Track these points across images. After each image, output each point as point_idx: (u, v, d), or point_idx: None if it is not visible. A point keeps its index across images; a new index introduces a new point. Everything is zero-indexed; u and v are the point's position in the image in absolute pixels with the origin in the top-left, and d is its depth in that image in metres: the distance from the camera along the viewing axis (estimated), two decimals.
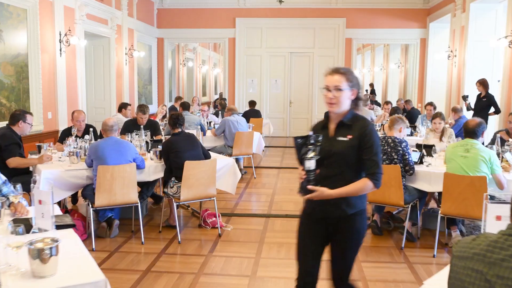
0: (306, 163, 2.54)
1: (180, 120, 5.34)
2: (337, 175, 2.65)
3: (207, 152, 5.60)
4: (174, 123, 5.34)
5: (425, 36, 13.72)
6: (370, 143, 2.61)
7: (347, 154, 2.63)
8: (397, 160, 5.08)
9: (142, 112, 6.82)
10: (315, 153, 2.55)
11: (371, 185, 2.62)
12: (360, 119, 2.70)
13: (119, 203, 4.99)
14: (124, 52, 11.58)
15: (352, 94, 2.68)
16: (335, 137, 2.71)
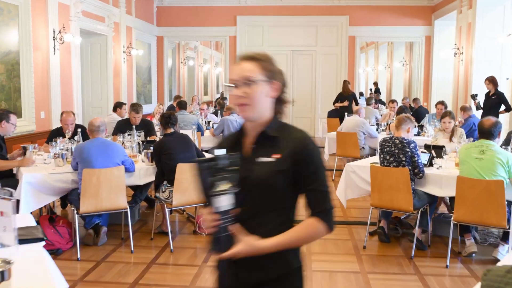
0: (216, 201, 1.61)
1: (172, 120, 4.95)
2: (256, 216, 1.74)
3: (201, 154, 5.20)
4: (166, 123, 4.95)
5: (430, 33, 13.28)
6: (314, 166, 1.76)
7: (273, 183, 1.74)
8: (405, 162, 4.67)
9: (135, 111, 6.43)
10: (231, 183, 1.63)
11: (322, 229, 1.79)
12: (293, 131, 1.80)
13: (106, 209, 4.60)
14: (122, 50, 11.20)
15: (272, 90, 1.78)
16: (253, 157, 1.77)
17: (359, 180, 5.21)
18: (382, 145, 4.87)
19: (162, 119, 4.98)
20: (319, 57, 13.57)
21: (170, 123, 4.96)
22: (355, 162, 5.45)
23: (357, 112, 8.16)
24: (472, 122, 7.49)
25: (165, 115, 4.99)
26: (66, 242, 4.73)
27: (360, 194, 5.33)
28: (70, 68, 9.12)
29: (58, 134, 5.90)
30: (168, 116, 4.96)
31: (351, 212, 6.11)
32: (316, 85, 13.71)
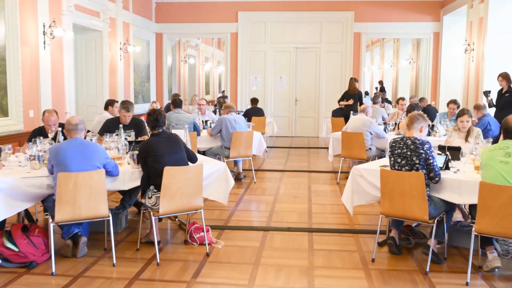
0: None
1: (160, 119, 4.43)
2: None
3: (193, 156, 4.68)
4: (155, 124, 4.42)
5: (438, 30, 12.72)
6: None
7: None
8: (419, 165, 4.13)
9: (126, 110, 5.92)
10: None
11: None
12: None
13: (85, 218, 4.08)
14: (119, 47, 10.71)
15: None
16: None
17: (367, 185, 4.68)
18: (392, 147, 4.34)
19: (150, 120, 4.45)
20: (323, 54, 13.04)
21: (158, 123, 4.44)
22: (363, 165, 4.92)
23: (364, 111, 7.63)
24: (486, 122, 6.95)
25: (152, 115, 4.45)
26: (42, 254, 4.23)
27: (368, 200, 4.80)
28: (62, 64, 8.63)
29: (40, 134, 5.39)
30: (155, 119, 4.42)
31: (358, 219, 5.58)
32: (320, 84, 13.17)
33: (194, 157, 4.67)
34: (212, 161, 5.10)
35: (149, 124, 4.45)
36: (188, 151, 4.61)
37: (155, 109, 4.51)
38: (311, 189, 7.07)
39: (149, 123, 4.44)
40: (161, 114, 4.44)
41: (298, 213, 5.83)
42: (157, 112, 4.45)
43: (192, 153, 4.69)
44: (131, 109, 5.98)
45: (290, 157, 9.98)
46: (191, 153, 4.66)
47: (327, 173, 8.29)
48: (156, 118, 4.42)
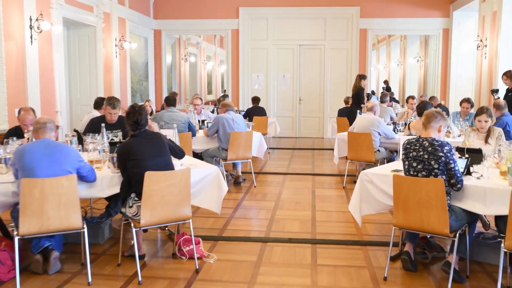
0: None
1: (142, 119, 3.89)
2: None
3: (179, 151, 4.16)
4: (135, 124, 3.88)
5: (448, 26, 12.12)
6: None
7: None
8: (438, 170, 3.57)
9: (112, 107, 5.39)
10: None
11: None
12: None
13: (55, 230, 3.55)
14: (114, 43, 10.19)
15: None
16: None
17: (377, 192, 4.13)
18: (406, 149, 3.78)
19: (129, 119, 3.88)
20: (328, 51, 12.47)
21: (139, 126, 3.88)
22: (372, 170, 4.36)
23: (372, 110, 7.06)
24: (505, 122, 6.36)
25: (132, 114, 3.88)
26: (8, 271, 3.70)
27: (379, 209, 4.25)
28: (52, 60, 8.12)
29: (15, 134, 4.88)
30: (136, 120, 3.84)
31: (366, 228, 5.02)
32: (325, 82, 12.60)
33: (180, 153, 4.14)
34: (203, 164, 4.55)
35: (128, 124, 3.91)
36: (173, 147, 4.07)
37: (135, 106, 3.97)
38: (315, 194, 6.52)
39: (129, 123, 3.89)
40: (141, 112, 3.90)
41: (300, 221, 5.28)
42: (137, 109, 3.91)
43: (177, 148, 4.15)
44: (118, 106, 5.45)
45: (293, 159, 9.43)
46: (176, 148, 4.12)
47: (333, 177, 7.74)
48: (137, 117, 3.87)
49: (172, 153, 4.02)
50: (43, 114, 7.79)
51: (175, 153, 4.07)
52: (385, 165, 4.73)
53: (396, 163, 4.73)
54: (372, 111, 7.06)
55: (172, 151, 4.02)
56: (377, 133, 6.74)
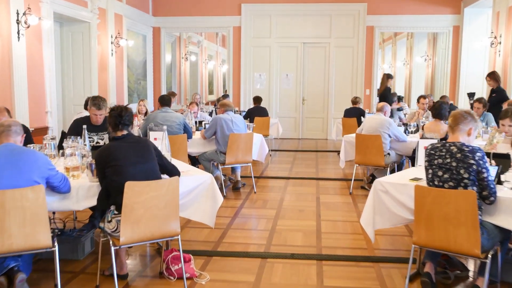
0: None
1: (124, 118, 3.36)
2: None
3: (170, 166, 3.58)
4: (116, 124, 3.37)
5: (459, 23, 11.54)
6: None
7: None
8: (468, 181, 3.03)
9: (97, 107, 4.85)
10: None
11: None
12: None
13: (18, 250, 3.01)
14: (110, 40, 9.67)
15: None
16: None
17: (394, 204, 3.58)
18: (430, 155, 3.23)
19: (111, 118, 3.38)
20: (333, 50, 11.92)
21: (121, 123, 3.37)
22: (388, 178, 3.81)
23: (382, 110, 6.50)
24: None
25: (115, 111, 3.39)
26: None
27: (395, 223, 3.70)
28: (41, 58, 7.60)
29: None
30: (118, 114, 3.36)
31: (378, 241, 4.46)
32: (330, 82, 12.05)
33: (172, 169, 3.56)
34: (196, 171, 4.01)
35: (110, 122, 3.38)
36: (164, 162, 3.52)
37: (119, 105, 3.44)
38: (319, 201, 5.97)
39: (110, 122, 3.37)
40: (126, 111, 3.38)
41: (304, 232, 4.74)
42: (121, 108, 3.38)
43: (170, 165, 3.58)
44: (104, 107, 4.91)
45: (296, 162, 8.88)
46: (167, 165, 3.56)
47: (338, 181, 7.19)
48: (119, 115, 3.34)
49: (162, 169, 3.46)
50: (32, 115, 7.28)
51: (166, 170, 3.50)
52: (401, 173, 4.17)
53: (413, 170, 4.17)
54: (382, 111, 6.52)
55: (162, 166, 3.47)
56: (387, 135, 6.20)
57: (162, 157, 3.50)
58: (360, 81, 11.88)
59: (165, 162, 3.53)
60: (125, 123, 3.36)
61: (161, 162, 3.46)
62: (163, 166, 3.47)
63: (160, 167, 3.44)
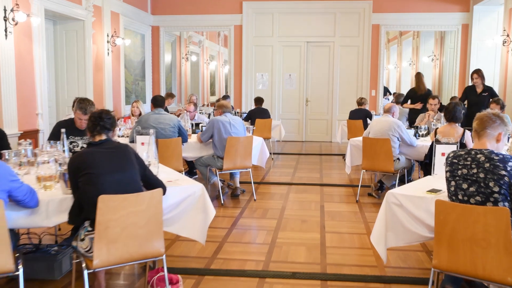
0: None
1: (105, 121, 2.93)
2: None
3: (153, 178, 3.12)
4: (94, 126, 2.94)
5: (468, 21, 11.06)
6: None
7: None
8: (499, 195, 2.57)
9: (83, 111, 4.44)
10: None
11: None
12: None
13: None
14: (106, 39, 9.25)
15: None
16: None
17: (409, 219, 3.13)
18: (453, 164, 2.78)
19: (89, 120, 2.96)
20: (337, 49, 11.45)
21: (100, 126, 2.94)
22: (402, 189, 3.35)
23: (389, 111, 6.03)
24: None
25: (93, 114, 2.97)
26: None
27: (410, 241, 3.24)
28: (32, 57, 7.18)
29: None
30: (98, 116, 2.93)
31: (389, 258, 3.99)
32: (334, 82, 11.58)
33: (155, 181, 3.08)
34: (185, 180, 3.55)
35: (88, 127, 2.96)
36: (147, 173, 3.07)
37: (102, 109, 3.02)
38: (324, 210, 5.52)
39: (88, 125, 2.94)
40: (108, 114, 2.95)
41: (307, 247, 4.28)
42: (101, 111, 2.95)
43: (153, 178, 3.12)
44: (90, 111, 4.48)
45: (299, 166, 8.42)
46: (151, 177, 3.11)
47: (344, 188, 6.74)
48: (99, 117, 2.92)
49: (144, 181, 3.02)
50: (20, 117, 6.86)
51: (149, 182, 3.06)
52: (417, 183, 3.69)
53: (429, 179, 3.70)
54: (390, 112, 6.05)
55: (145, 178, 3.02)
56: (397, 138, 5.74)
57: (145, 168, 3.06)
58: (366, 81, 11.42)
59: (148, 174, 3.08)
60: (105, 127, 2.92)
61: (144, 173, 3.01)
62: (146, 178, 3.03)
63: (143, 179, 3.00)
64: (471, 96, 7.70)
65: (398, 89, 16.15)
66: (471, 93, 7.73)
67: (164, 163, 5.47)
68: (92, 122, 2.93)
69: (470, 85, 7.98)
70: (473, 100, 7.58)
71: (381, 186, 6.13)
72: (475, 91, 7.67)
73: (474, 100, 7.50)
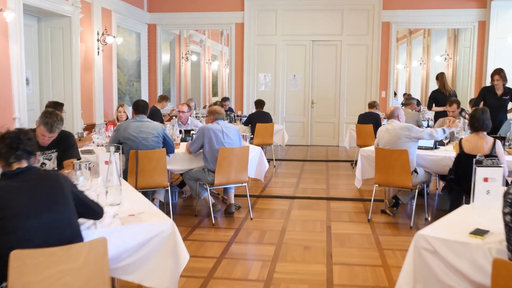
0: None
1: (25, 143, 2.13)
2: None
3: (94, 211, 2.33)
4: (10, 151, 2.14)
5: (485, 18, 10.16)
6: None
7: None
8: None
9: (48, 128, 3.63)
10: None
11: None
12: None
13: None
14: (96, 37, 8.47)
15: None
16: None
17: (445, 270, 2.30)
18: None
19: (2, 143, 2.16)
20: (345, 48, 10.60)
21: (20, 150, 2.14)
22: (435, 229, 2.49)
23: (393, 115, 5.16)
24: None
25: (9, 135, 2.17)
26: None
27: None
28: (8, 56, 6.42)
29: None
30: (15, 137, 2.14)
31: None
32: (341, 83, 10.73)
33: (95, 213, 2.32)
34: (152, 213, 2.72)
35: (2, 154, 2.15)
36: (84, 201, 2.27)
37: (20, 128, 2.23)
38: (331, 232, 4.69)
39: (1, 151, 2.14)
40: (27, 135, 2.15)
41: (310, 284, 3.46)
42: (18, 131, 2.16)
43: (90, 204, 2.34)
44: (57, 129, 3.68)
45: (303, 175, 7.59)
46: (90, 204, 2.32)
47: (353, 202, 5.90)
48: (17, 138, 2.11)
49: (79, 210, 2.22)
50: None
51: (84, 211, 2.27)
52: (453, 217, 2.79)
53: (468, 210, 2.84)
54: (394, 117, 5.15)
55: (80, 208, 2.23)
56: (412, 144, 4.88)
57: (80, 197, 2.26)
58: (375, 82, 10.56)
59: (87, 201, 2.30)
60: (25, 150, 2.12)
61: (80, 203, 2.22)
62: (83, 207, 2.25)
63: (79, 209, 2.21)
64: (490, 98, 6.76)
65: (408, 90, 15.27)
66: (490, 96, 6.79)
67: (147, 178, 4.69)
68: (8, 145, 2.12)
69: (488, 86, 7.07)
70: (492, 104, 6.61)
71: (397, 202, 5.29)
72: (494, 93, 6.76)
73: (494, 104, 6.56)
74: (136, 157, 4.57)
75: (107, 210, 2.62)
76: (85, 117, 8.21)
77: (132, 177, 4.60)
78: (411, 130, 4.90)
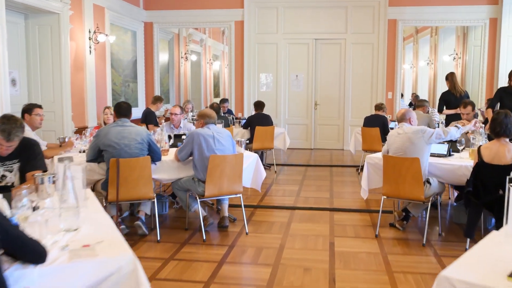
0: None
1: None
2: None
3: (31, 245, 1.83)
4: None
5: (496, 15, 9.60)
6: None
7: None
8: None
9: (5, 137, 3.13)
10: None
11: None
12: None
13: None
14: (87, 36, 7.98)
15: None
16: None
17: None
18: None
19: None
20: (349, 47, 10.07)
21: None
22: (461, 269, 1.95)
23: (404, 118, 4.63)
24: None
25: None
26: None
27: None
28: None
29: None
30: None
31: None
32: (346, 83, 10.20)
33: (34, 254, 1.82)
34: (112, 244, 2.20)
35: None
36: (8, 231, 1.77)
37: None
38: (334, 250, 4.17)
39: None
40: None
41: None
42: None
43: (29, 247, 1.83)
44: (16, 138, 3.17)
45: (306, 182, 7.06)
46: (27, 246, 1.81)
47: (358, 214, 5.37)
48: None
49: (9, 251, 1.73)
50: None
51: (17, 253, 1.78)
52: (479, 250, 2.26)
53: (500, 237, 2.31)
54: (405, 120, 4.63)
55: (10, 248, 1.73)
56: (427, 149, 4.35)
57: (10, 233, 1.75)
58: (382, 82, 10.03)
59: (22, 239, 1.79)
60: None
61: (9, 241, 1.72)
62: (15, 247, 1.74)
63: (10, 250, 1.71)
64: (507, 100, 6.27)
65: (415, 90, 14.72)
66: (507, 97, 6.29)
67: (129, 189, 4.18)
68: None
69: (504, 87, 6.55)
70: (509, 106, 6.12)
71: (407, 215, 4.76)
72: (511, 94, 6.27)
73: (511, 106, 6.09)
74: (117, 166, 4.07)
75: (58, 239, 2.12)
76: (77, 119, 7.73)
77: (113, 188, 4.11)
78: (426, 132, 4.37)
